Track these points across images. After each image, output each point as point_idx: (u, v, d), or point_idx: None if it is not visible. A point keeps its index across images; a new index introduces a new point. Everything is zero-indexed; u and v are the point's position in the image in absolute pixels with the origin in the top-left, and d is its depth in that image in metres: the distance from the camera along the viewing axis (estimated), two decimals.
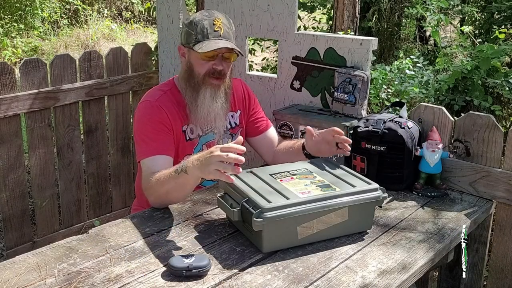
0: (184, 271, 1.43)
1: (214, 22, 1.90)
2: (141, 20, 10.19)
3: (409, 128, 2.05)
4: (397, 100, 2.64)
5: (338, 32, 3.03)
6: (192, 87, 1.95)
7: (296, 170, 1.81)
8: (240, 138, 1.58)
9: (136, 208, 2.10)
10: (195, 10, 4.94)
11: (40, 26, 8.40)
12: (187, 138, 2.01)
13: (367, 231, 1.73)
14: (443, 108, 2.13)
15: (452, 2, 4.26)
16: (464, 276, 1.60)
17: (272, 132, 2.23)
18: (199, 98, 1.95)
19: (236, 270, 1.49)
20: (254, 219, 1.50)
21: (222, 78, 1.96)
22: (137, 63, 3.37)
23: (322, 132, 1.91)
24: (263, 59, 5.70)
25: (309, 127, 1.93)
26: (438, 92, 2.86)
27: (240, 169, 1.53)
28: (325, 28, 5.82)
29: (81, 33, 8.51)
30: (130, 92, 3.38)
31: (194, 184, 1.73)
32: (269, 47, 5.72)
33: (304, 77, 2.59)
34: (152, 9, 9.17)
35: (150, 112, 1.93)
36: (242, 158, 1.51)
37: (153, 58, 3.41)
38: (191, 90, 1.96)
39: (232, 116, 2.14)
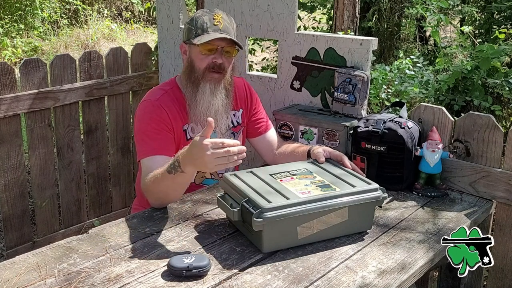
0: (184, 271, 1.43)
1: (214, 17, 1.92)
2: (141, 20, 10.18)
3: (409, 128, 2.05)
4: (397, 100, 2.64)
5: (338, 32, 3.02)
6: (192, 82, 1.96)
7: (296, 170, 1.81)
8: (211, 120, 1.51)
9: (137, 208, 2.10)
10: (195, 10, 4.94)
11: (40, 26, 8.39)
12: (188, 137, 2.01)
13: (367, 231, 1.73)
14: (443, 108, 2.13)
15: (452, 2, 4.25)
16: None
17: (271, 134, 2.23)
18: (198, 92, 1.95)
19: (236, 270, 1.49)
20: (254, 219, 1.50)
21: (222, 72, 1.96)
22: (137, 63, 3.37)
23: (331, 152, 1.92)
24: (263, 59, 5.70)
25: (322, 159, 1.89)
26: (438, 92, 2.85)
27: (244, 154, 1.53)
28: (325, 28, 5.82)
29: (81, 33, 8.50)
30: (130, 92, 3.38)
31: (191, 178, 1.73)
32: (269, 47, 5.72)
33: (304, 77, 2.59)
34: (152, 9, 9.17)
35: (151, 111, 1.93)
36: (243, 148, 1.52)
37: (153, 58, 3.41)
38: (191, 86, 1.96)
39: (234, 115, 2.14)
